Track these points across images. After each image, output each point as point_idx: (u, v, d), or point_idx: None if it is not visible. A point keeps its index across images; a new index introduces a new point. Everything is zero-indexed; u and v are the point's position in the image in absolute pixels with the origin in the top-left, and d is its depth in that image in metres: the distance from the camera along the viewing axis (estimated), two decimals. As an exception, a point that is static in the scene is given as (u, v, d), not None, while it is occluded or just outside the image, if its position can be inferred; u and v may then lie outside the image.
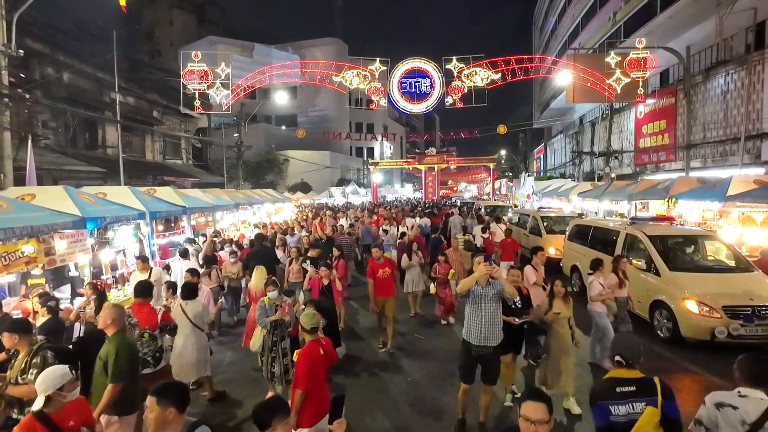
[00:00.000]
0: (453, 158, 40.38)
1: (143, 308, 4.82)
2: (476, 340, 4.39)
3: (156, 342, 4.55)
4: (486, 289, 4.41)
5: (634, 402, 2.58)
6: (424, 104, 20.19)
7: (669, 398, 2.58)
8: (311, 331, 3.83)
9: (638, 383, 2.66)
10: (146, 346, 4.40)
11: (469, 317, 4.48)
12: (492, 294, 4.38)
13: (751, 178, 9.45)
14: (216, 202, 12.97)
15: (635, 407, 2.57)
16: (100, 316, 3.76)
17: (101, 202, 7.96)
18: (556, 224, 13.29)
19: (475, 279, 4.35)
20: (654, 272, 7.40)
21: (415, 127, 69.60)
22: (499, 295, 4.39)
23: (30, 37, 15.93)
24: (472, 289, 4.43)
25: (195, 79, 18.51)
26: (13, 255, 5.84)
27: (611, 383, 2.73)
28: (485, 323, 4.36)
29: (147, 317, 4.72)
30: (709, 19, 16.44)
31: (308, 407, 3.59)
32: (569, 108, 33.19)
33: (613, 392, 2.65)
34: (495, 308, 4.39)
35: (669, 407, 2.54)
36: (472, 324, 4.43)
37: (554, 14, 38.64)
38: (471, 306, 4.45)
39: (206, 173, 28.33)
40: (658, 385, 2.61)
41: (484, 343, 4.37)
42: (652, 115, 20.12)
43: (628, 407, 2.58)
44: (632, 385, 2.65)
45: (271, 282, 5.70)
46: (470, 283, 4.37)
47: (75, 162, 17.02)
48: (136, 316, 4.61)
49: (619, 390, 2.64)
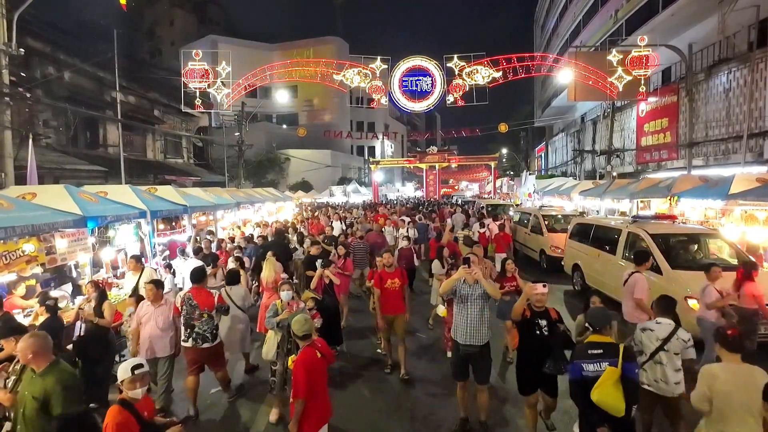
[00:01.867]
0: (454, 157, 40.31)
1: (201, 292, 5.28)
2: (462, 339, 4.46)
3: (212, 321, 5.18)
4: (472, 288, 4.47)
5: (600, 362, 3.18)
6: (425, 102, 20.14)
7: (629, 361, 3.15)
8: (303, 338, 3.72)
9: (606, 347, 3.25)
10: (205, 324, 5.09)
11: (456, 316, 4.58)
12: (478, 294, 4.44)
13: (753, 176, 9.38)
14: (217, 201, 12.96)
15: (601, 366, 3.16)
16: (19, 349, 3.21)
17: (102, 201, 7.95)
18: (557, 223, 13.28)
19: (454, 281, 4.42)
20: (656, 270, 7.37)
21: (416, 126, 69.52)
22: (486, 294, 4.43)
23: (31, 36, 15.94)
24: (458, 288, 4.50)
25: (196, 78, 18.50)
26: (13, 254, 5.84)
27: (586, 346, 3.36)
28: (471, 322, 4.42)
29: (205, 299, 5.20)
30: (712, 16, 16.38)
31: (310, 415, 3.51)
32: (571, 106, 33.12)
33: (585, 353, 3.29)
34: (481, 307, 4.44)
35: (627, 368, 3.10)
36: (459, 323, 4.52)
37: (555, 12, 38.54)
38: (457, 305, 4.54)
39: (207, 172, 28.33)
40: (621, 349, 3.17)
41: (471, 342, 4.42)
42: (654, 113, 20.05)
43: (596, 366, 3.18)
44: (600, 348, 3.26)
45: (286, 282, 5.42)
46: (451, 284, 4.44)
47: (76, 161, 17.03)
48: (195, 299, 5.14)
49: (590, 352, 3.27)
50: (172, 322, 5.16)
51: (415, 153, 42.35)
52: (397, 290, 5.96)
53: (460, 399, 4.68)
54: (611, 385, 3.05)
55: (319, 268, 6.59)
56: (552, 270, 11.73)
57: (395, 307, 5.95)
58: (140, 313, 5.15)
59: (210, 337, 5.12)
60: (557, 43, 37.35)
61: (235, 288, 6.05)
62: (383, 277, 5.99)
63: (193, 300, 5.13)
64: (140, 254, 8.00)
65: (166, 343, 5.09)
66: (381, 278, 5.98)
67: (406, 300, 6.07)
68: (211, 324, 5.15)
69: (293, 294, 5.20)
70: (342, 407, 5.00)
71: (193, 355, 5.10)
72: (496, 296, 4.51)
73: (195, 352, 5.08)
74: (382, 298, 5.94)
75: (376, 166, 38.28)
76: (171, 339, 5.14)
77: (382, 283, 5.95)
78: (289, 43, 48.39)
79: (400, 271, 6.14)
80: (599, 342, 3.32)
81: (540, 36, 47.79)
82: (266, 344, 5.06)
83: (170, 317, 5.14)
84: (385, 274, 6.00)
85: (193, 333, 5.04)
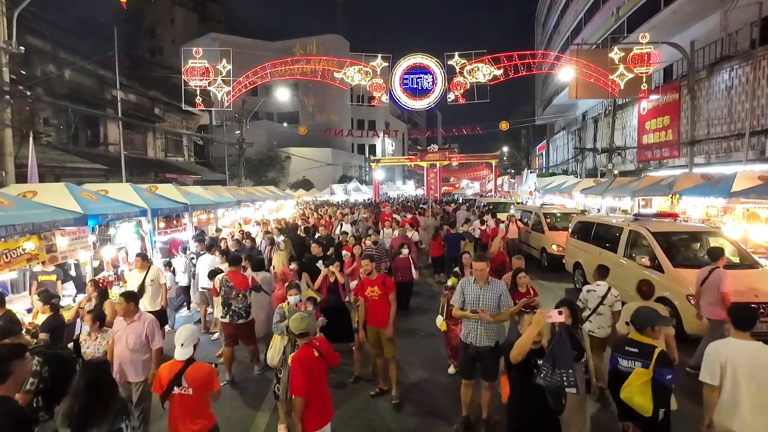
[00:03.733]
0: (455, 155, 40.17)
1: (237, 275, 6.07)
2: (476, 341, 4.44)
3: (246, 300, 5.92)
4: (484, 289, 4.40)
5: (635, 360, 3.25)
6: (426, 100, 20.07)
7: (662, 366, 3.12)
8: (300, 336, 3.72)
9: (642, 347, 3.28)
10: (240, 303, 5.83)
11: (467, 321, 4.52)
12: (489, 295, 4.38)
13: (755, 174, 9.34)
14: (218, 199, 12.97)
15: (634, 365, 3.23)
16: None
17: (103, 199, 7.96)
18: (558, 221, 13.26)
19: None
20: (658, 269, 7.36)
21: (417, 124, 69.47)
22: (499, 299, 4.37)
23: (31, 34, 15.91)
24: (466, 293, 4.45)
25: (196, 76, 18.46)
26: (14, 252, 5.83)
27: (625, 342, 3.44)
28: (482, 324, 4.39)
29: (241, 281, 6.00)
30: (714, 13, 16.29)
31: (310, 413, 3.53)
32: (572, 104, 33.03)
33: (622, 349, 3.38)
34: (493, 311, 4.34)
35: (659, 373, 3.09)
36: (471, 326, 4.49)
37: (557, 10, 38.41)
38: (468, 310, 4.45)
39: (208, 170, 28.32)
40: (655, 353, 3.18)
41: (485, 344, 4.42)
42: (656, 111, 19.98)
43: (630, 363, 3.27)
44: (637, 347, 3.30)
45: (294, 286, 5.25)
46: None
47: (77, 159, 17.02)
48: (232, 280, 5.90)
49: (626, 348, 3.35)
50: (145, 343, 4.37)
51: (416, 151, 42.23)
52: (376, 300, 5.35)
53: (463, 397, 4.67)
54: (640, 385, 3.09)
55: (324, 268, 6.67)
56: (553, 268, 11.74)
57: (375, 319, 5.37)
58: (114, 329, 4.46)
59: (244, 315, 5.86)
60: (558, 40, 37.24)
61: (261, 273, 6.75)
62: (364, 284, 5.52)
63: (230, 282, 5.88)
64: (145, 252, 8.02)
65: (138, 366, 4.35)
66: (362, 286, 5.53)
67: (390, 312, 5.33)
68: (245, 303, 5.87)
69: (300, 297, 5.16)
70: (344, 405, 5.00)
71: (230, 329, 5.87)
72: (502, 320, 4.40)
73: (231, 327, 5.85)
74: (368, 308, 5.44)
75: (377, 164, 38.22)
76: (144, 362, 4.38)
77: (363, 291, 5.48)
78: (289, 41, 48.34)
79: (382, 278, 5.52)
80: (637, 341, 3.36)
81: (541, 34, 47.65)
82: (271, 349, 4.76)
83: (143, 336, 4.35)
84: (366, 281, 5.51)
85: (230, 311, 5.80)
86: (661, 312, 4.27)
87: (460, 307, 4.53)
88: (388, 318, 5.31)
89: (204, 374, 3.43)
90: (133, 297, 4.60)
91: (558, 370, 2.89)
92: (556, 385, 2.90)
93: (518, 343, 3.10)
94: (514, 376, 3.28)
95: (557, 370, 2.89)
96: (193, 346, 3.52)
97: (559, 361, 2.90)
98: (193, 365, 3.44)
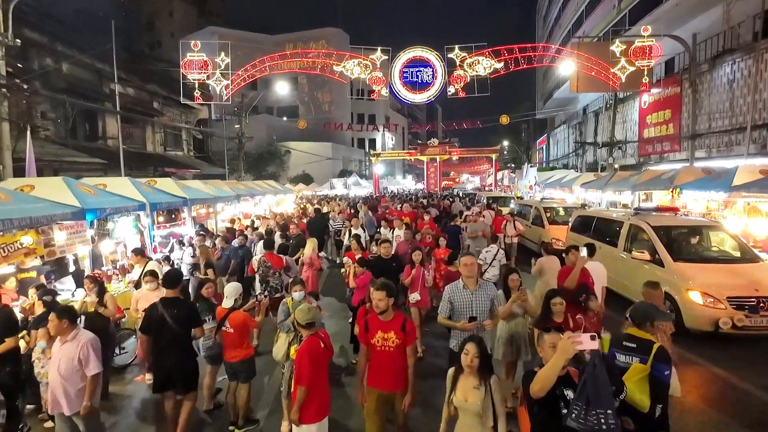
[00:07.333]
0: (455, 149, 40.16)
1: (272, 256, 7.04)
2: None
3: (281, 277, 6.83)
4: (475, 294, 4.06)
5: (632, 356, 3.16)
6: (426, 94, 19.96)
7: (660, 362, 3.04)
8: (307, 326, 3.70)
9: (640, 342, 3.20)
10: (276, 280, 6.77)
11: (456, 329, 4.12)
12: (481, 299, 4.04)
13: (756, 168, 9.31)
14: (217, 194, 12.94)
15: (632, 360, 3.15)
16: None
17: (101, 193, 7.93)
18: (558, 215, 13.23)
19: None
20: (658, 263, 7.34)
21: (416, 118, 69.22)
22: (492, 302, 4.07)
23: (28, 27, 15.79)
24: (453, 300, 4.07)
25: (194, 70, 18.34)
26: (11, 246, 5.82)
27: (623, 337, 3.35)
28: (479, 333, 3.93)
29: (276, 261, 6.95)
30: (716, 6, 16.17)
31: (312, 403, 3.53)
32: (572, 98, 32.88)
33: (620, 344, 3.28)
34: (487, 317, 4.04)
35: (657, 368, 3.02)
36: (463, 336, 3.85)
37: (558, 3, 38.12)
38: (457, 319, 4.05)
39: (207, 165, 28.25)
40: (654, 348, 3.11)
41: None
42: (657, 105, 19.88)
43: (627, 358, 3.18)
44: (635, 342, 3.22)
45: (299, 282, 5.12)
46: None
47: (75, 153, 16.97)
48: (269, 261, 6.84)
49: (624, 343, 3.25)
50: (78, 368, 3.59)
51: (416, 145, 42.13)
52: (392, 351, 3.53)
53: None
54: (637, 381, 3.04)
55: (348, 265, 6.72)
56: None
57: (388, 381, 3.57)
58: (54, 350, 3.77)
59: (280, 289, 6.69)
60: (559, 33, 37.00)
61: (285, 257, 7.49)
62: (371, 326, 3.62)
63: (267, 262, 6.82)
64: (142, 247, 8.00)
65: (72, 396, 3.61)
66: (367, 327, 3.64)
67: (411, 370, 3.56)
68: (280, 279, 6.78)
69: (304, 293, 5.05)
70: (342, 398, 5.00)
71: (270, 303, 6.40)
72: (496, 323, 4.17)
73: (271, 301, 6.44)
74: (370, 361, 3.66)
75: (377, 158, 38.14)
76: (79, 391, 3.63)
77: (369, 337, 3.61)
78: (289, 34, 48.05)
79: (402, 321, 3.58)
80: (635, 336, 3.28)
81: (542, 27, 47.32)
82: (276, 344, 4.66)
83: (75, 360, 3.57)
84: (375, 322, 3.60)
85: (268, 287, 6.66)
86: (515, 281, 4.63)
87: (447, 317, 4.09)
88: (406, 380, 3.56)
89: (240, 320, 4.56)
90: (67, 313, 3.70)
91: (593, 410, 2.32)
92: (592, 429, 2.31)
93: (540, 377, 2.48)
94: (536, 413, 2.60)
95: (592, 410, 2.32)
96: (234, 299, 4.59)
97: (594, 399, 2.33)
98: (234, 313, 4.56)
